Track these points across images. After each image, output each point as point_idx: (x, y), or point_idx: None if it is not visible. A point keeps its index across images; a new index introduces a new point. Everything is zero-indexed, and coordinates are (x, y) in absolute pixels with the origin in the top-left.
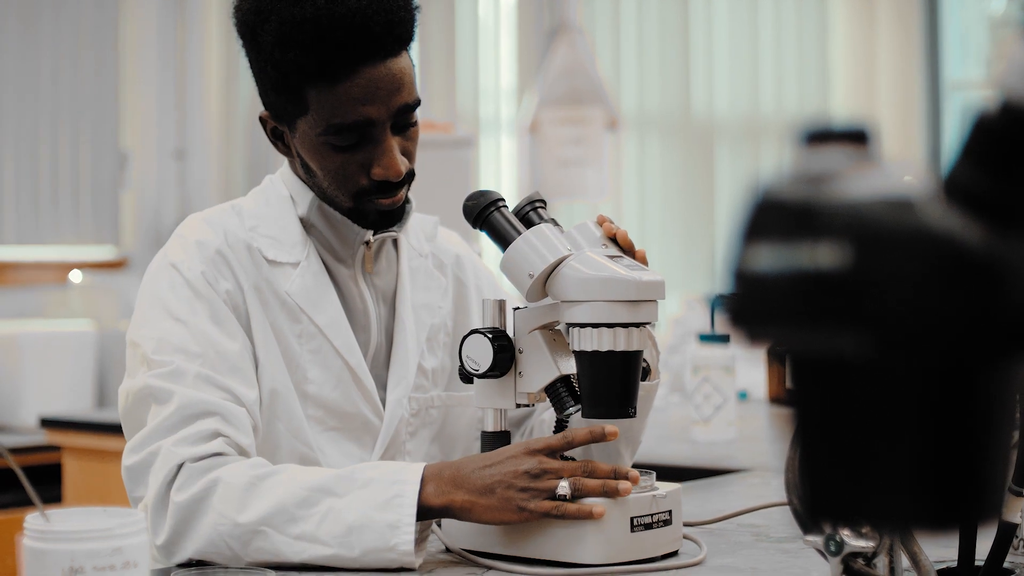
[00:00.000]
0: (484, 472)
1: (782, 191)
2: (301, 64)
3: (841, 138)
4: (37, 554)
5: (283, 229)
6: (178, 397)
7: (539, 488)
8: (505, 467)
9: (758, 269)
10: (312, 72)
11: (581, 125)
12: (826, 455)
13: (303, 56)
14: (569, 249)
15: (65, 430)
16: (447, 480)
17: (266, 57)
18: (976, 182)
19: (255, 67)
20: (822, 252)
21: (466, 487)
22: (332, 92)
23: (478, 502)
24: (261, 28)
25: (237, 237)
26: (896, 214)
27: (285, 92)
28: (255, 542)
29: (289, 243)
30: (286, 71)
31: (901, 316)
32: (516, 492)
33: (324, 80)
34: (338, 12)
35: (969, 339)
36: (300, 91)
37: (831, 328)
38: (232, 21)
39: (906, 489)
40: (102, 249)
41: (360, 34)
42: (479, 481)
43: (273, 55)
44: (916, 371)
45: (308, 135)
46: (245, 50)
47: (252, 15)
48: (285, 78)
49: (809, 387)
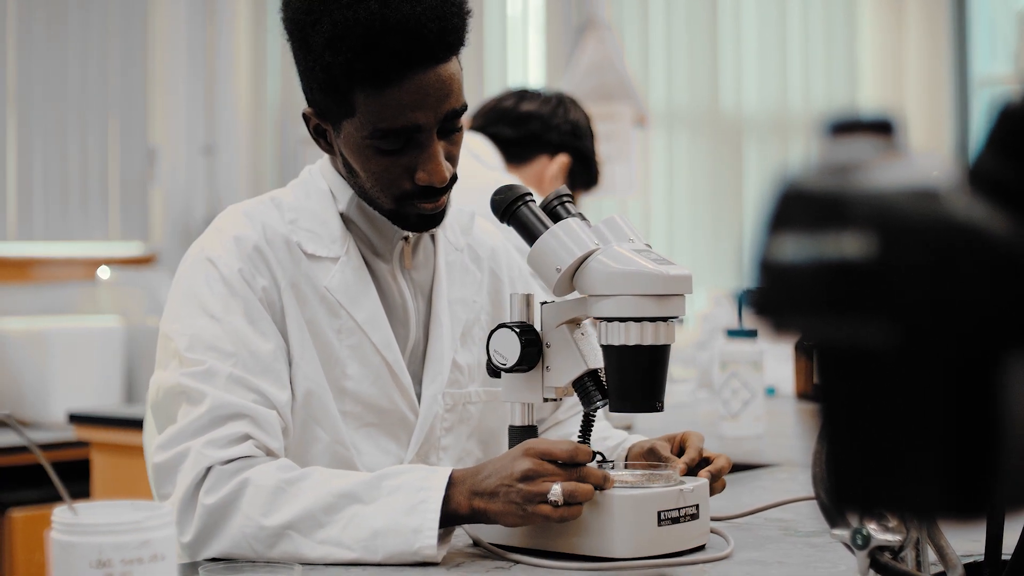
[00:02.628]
0: (491, 478)
1: (808, 181)
2: (351, 67)
3: (867, 128)
4: (65, 547)
5: (323, 223)
6: (210, 399)
7: (533, 492)
8: (503, 472)
9: (784, 260)
10: (361, 76)
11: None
12: (852, 446)
13: (354, 60)
14: (596, 243)
15: (93, 426)
16: (467, 487)
17: (315, 57)
18: (1001, 172)
19: (302, 66)
20: (848, 242)
21: (479, 493)
22: (380, 96)
23: (489, 507)
24: (312, 28)
25: (276, 232)
26: (921, 204)
27: (332, 93)
28: (280, 545)
29: (329, 238)
30: (335, 73)
31: (926, 306)
32: (514, 495)
33: (373, 84)
34: (392, 17)
35: (993, 329)
36: (348, 93)
37: (856, 318)
38: (280, 17)
39: (931, 479)
40: (130, 245)
41: (413, 40)
42: (486, 487)
43: (323, 56)
44: (940, 361)
45: (353, 137)
46: (292, 48)
47: (303, 14)
48: (333, 80)
49: (834, 378)
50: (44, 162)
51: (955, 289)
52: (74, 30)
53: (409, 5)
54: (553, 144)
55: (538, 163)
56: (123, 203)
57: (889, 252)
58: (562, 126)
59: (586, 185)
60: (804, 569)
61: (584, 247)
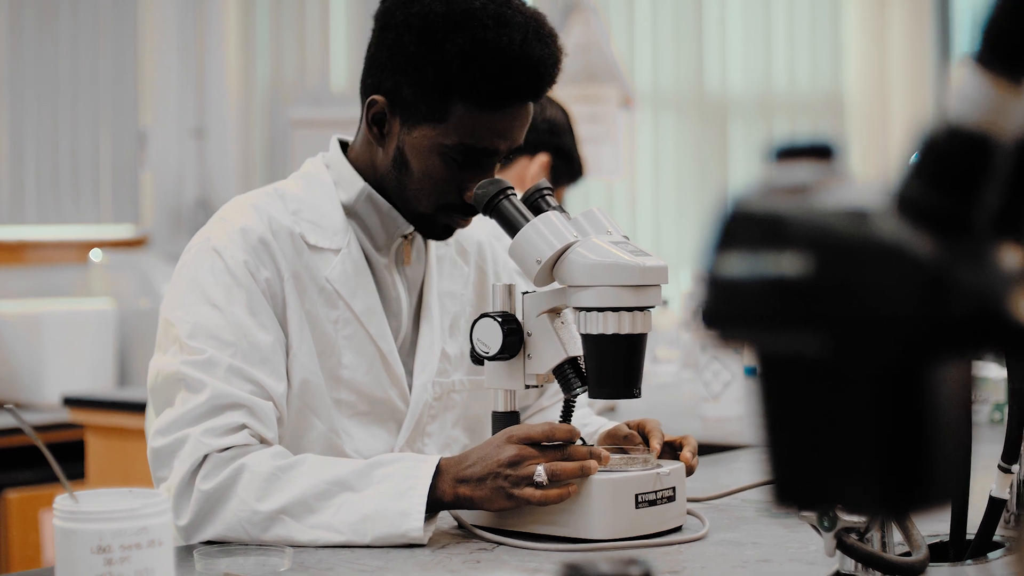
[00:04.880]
0: (475, 466)
1: (752, 203)
2: (474, 84)
3: (808, 154)
4: (67, 534)
5: (325, 215)
6: (209, 389)
7: (519, 475)
8: (489, 459)
9: (729, 276)
10: (476, 93)
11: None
12: (792, 446)
13: (480, 78)
14: (575, 236)
15: (87, 409)
16: (451, 476)
17: (436, 60)
18: (925, 199)
19: (406, 61)
20: (787, 261)
21: (463, 480)
22: (479, 116)
23: (475, 494)
24: (447, 36)
25: (280, 224)
26: (853, 226)
27: (431, 96)
28: (273, 528)
29: (331, 229)
30: (451, 81)
31: (857, 320)
32: (501, 481)
33: (478, 104)
34: (529, 54)
35: (920, 340)
36: (447, 102)
37: (794, 331)
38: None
39: (863, 478)
40: (122, 228)
41: (536, 79)
42: (472, 474)
43: (450, 65)
44: (870, 371)
45: (430, 140)
46: (386, 37)
47: (440, 19)
48: (445, 86)
49: (775, 385)
50: (36, 146)
51: (882, 305)
52: (64, 15)
53: (540, 46)
54: (531, 144)
55: (519, 164)
56: (114, 186)
57: (823, 270)
58: (539, 125)
59: (570, 179)
60: (776, 550)
61: (563, 239)
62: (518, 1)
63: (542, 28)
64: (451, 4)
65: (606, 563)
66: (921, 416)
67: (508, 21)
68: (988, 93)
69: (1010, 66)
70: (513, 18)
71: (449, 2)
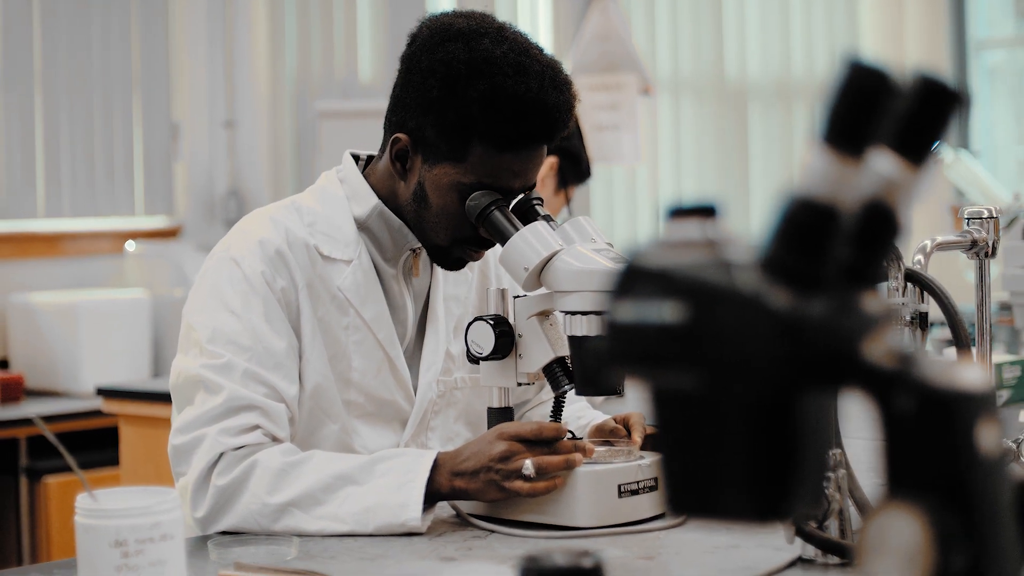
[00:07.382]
0: (469, 460)
1: (646, 258)
2: (493, 127)
3: (694, 213)
4: (88, 529)
5: (338, 228)
6: (226, 391)
7: (509, 469)
8: (481, 454)
9: (625, 321)
10: (494, 136)
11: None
12: (681, 465)
13: (499, 123)
14: (560, 244)
15: (121, 399)
16: (448, 469)
17: (458, 104)
18: (783, 258)
19: (429, 104)
20: (670, 308)
21: (458, 474)
22: (498, 158)
23: (469, 486)
24: (469, 81)
25: (296, 236)
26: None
27: (452, 137)
28: (282, 519)
29: (343, 241)
30: (471, 124)
31: (727, 361)
32: (493, 475)
33: (497, 146)
34: (544, 101)
35: (780, 378)
36: (467, 143)
37: (678, 370)
38: (406, 52)
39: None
40: (156, 219)
41: (550, 124)
42: (467, 468)
43: (470, 109)
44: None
45: (450, 178)
46: (412, 81)
47: (463, 66)
48: (466, 128)
49: (666, 415)
50: (71, 140)
51: (746, 348)
52: (97, 10)
53: (555, 94)
54: None
55: None
56: (148, 178)
57: (698, 317)
58: None
59: (577, 179)
60: (745, 537)
61: (549, 248)
62: (537, 49)
63: (558, 76)
64: (473, 52)
65: (561, 555)
66: (789, 441)
67: (526, 69)
68: (833, 167)
69: (850, 144)
70: (531, 67)
71: (472, 49)
